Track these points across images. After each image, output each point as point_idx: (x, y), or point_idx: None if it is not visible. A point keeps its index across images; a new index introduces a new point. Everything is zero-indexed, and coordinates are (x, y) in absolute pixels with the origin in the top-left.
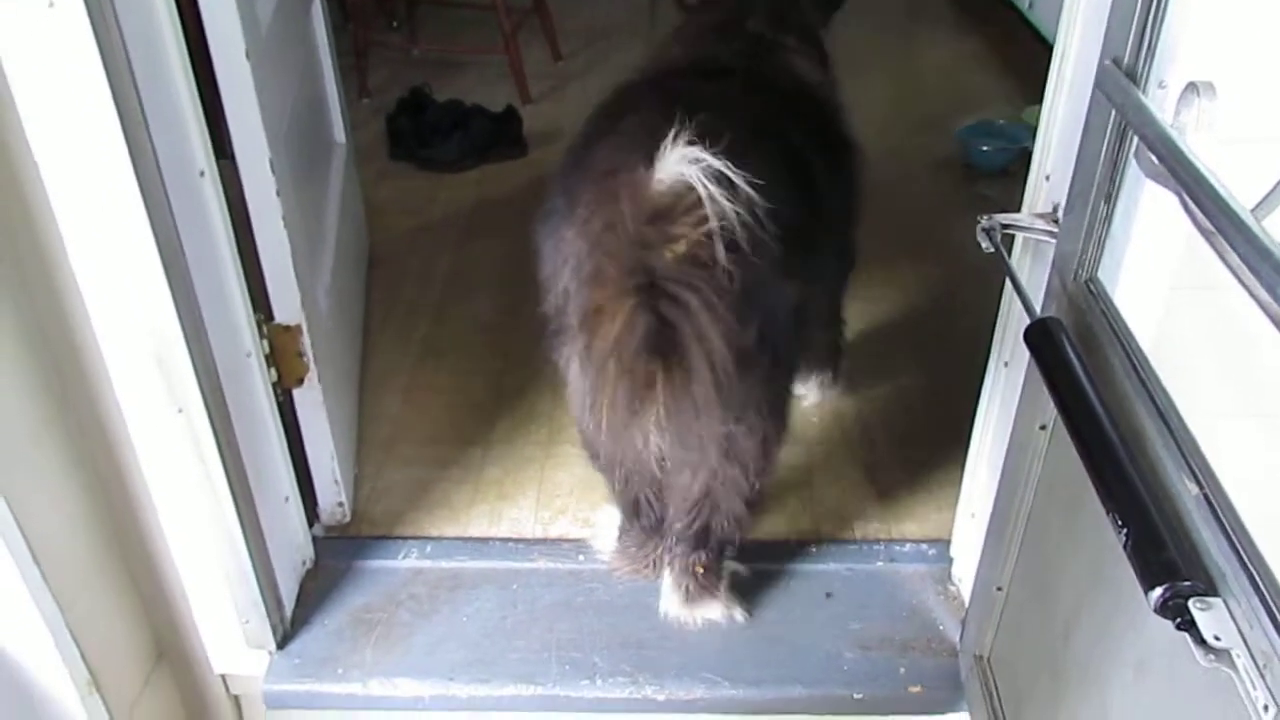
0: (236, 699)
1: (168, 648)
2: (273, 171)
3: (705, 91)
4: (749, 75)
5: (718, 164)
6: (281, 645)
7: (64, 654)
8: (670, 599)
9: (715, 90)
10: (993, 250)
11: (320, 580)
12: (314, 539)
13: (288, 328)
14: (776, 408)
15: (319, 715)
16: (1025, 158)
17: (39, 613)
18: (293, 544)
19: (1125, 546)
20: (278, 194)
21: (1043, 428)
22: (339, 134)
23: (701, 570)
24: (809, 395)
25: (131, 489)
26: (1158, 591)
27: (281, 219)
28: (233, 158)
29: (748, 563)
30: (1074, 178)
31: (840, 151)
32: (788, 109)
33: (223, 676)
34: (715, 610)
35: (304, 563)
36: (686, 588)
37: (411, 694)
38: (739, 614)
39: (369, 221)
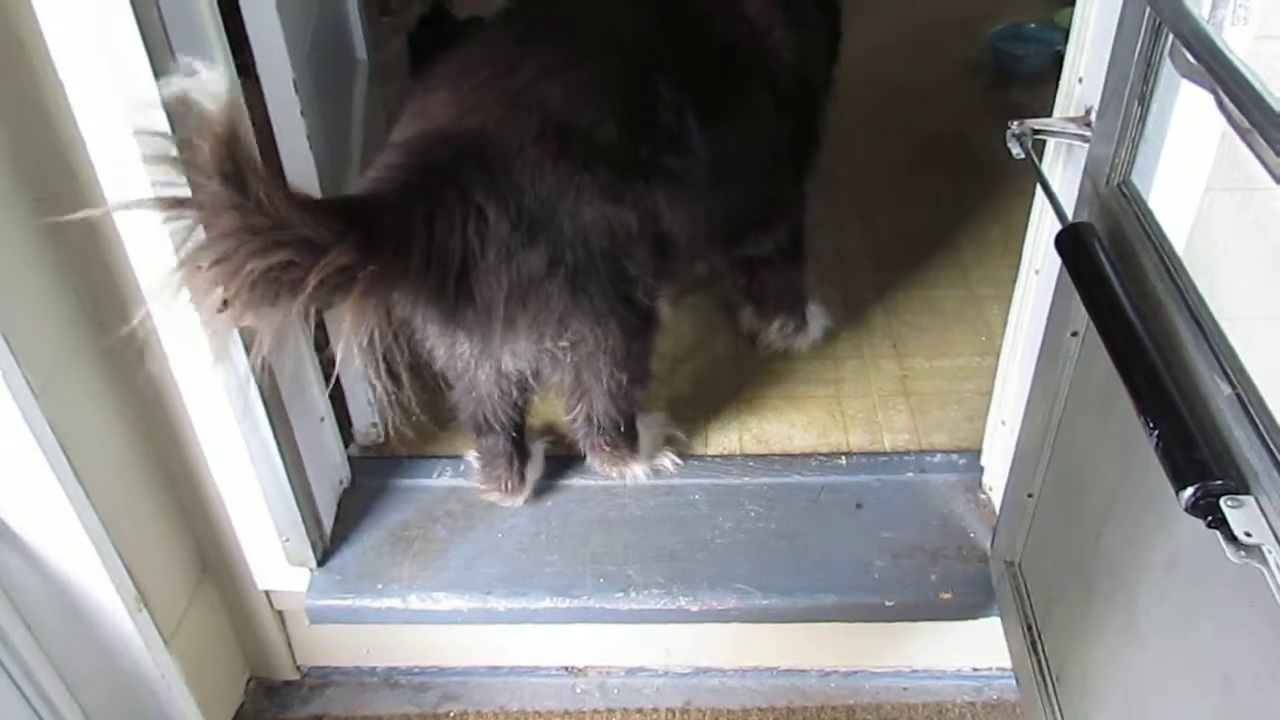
0: (280, 614)
1: (212, 566)
2: (296, 91)
3: (578, 6)
4: None
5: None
6: (322, 562)
7: (111, 573)
8: (593, 464)
9: (591, 4)
10: (1023, 157)
11: (357, 499)
12: (350, 459)
13: None
14: (602, 321)
15: (360, 629)
16: (1058, 62)
17: (85, 533)
18: (329, 464)
19: (1157, 448)
20: (302, 114)
21: (1074, 334)
22: (360, 52)
23: (609, 447)
24: (771, 341)
25: (171, 410)
26: (1189, 491)
27: (306, 139)
28: (256, 78)
29: (775, 477)
30: (1107, 79)
31: (746, 81)
32: (671, 27)
33: (266, 593)
34: (638, 469)
35: (341, 482)
36: (600, 460)
37: (450, 607)
38: (668, 462)
39: None
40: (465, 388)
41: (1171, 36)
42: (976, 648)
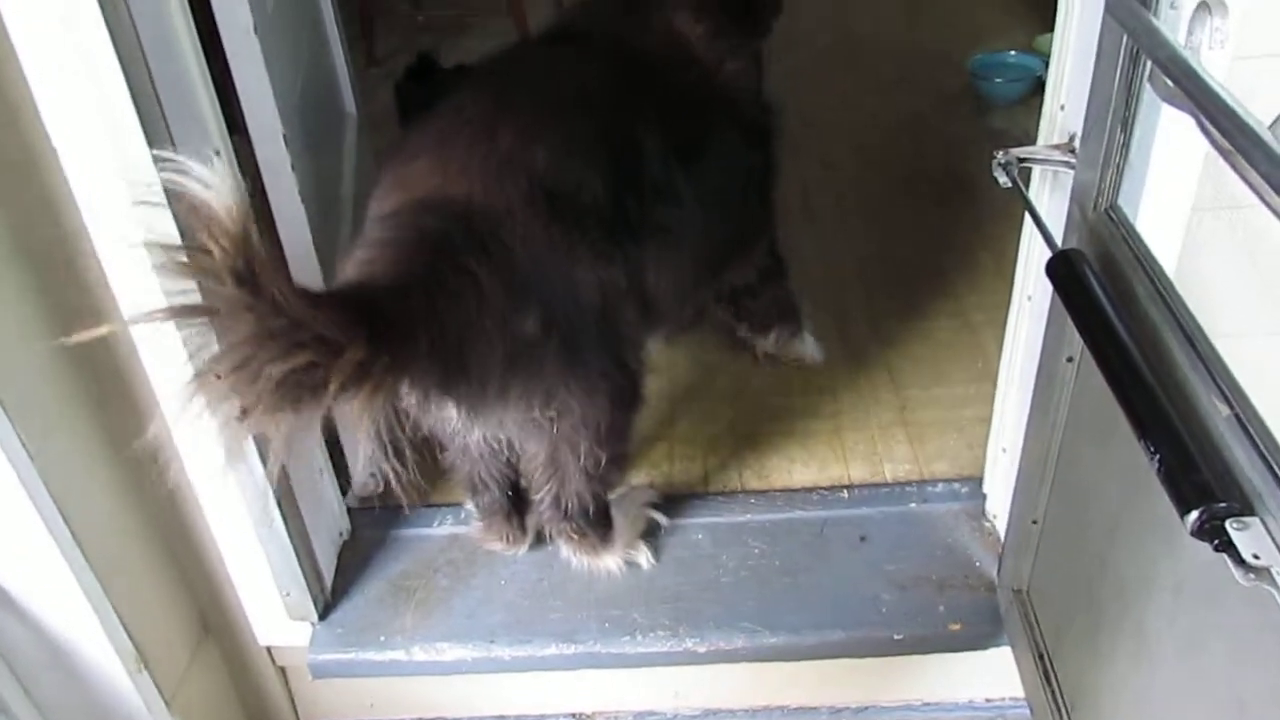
0: (282, 670)
1: (212, 623)
2: (286, 146)
3: (543, 63)
4: (602, 39)
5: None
6: (323, 616)
7: (110, 634)
8: (566, 552)
9: (555, 60)
10: (1010, 185)
11: (357, 550)
12: (349, 510)
13: None
14: (593, 389)
15: (364, 683)
16: (1039, 87)
17: (83, 594)
18: (329, 516)
19: (1159, 472)
20: (292, 168)
21: (1070, 360)
22: (349, 105)
23: (577, 535)
24: (768, 348)
25: (167, 466)
26: (1194, 514)
27: (298, 193)
28: (246, 134)
29: (777, 513)
30: (1089, 106)
31: (712, 119)
32: (634, 77)
33: (268, 649)
34: (610, 561)
35: (340, 534)
36: (569, 548)
37: (454, 658)
38: (643, 559)
39: None
40: (458, 449)
41: (1150, 62)
42: (988, 678)
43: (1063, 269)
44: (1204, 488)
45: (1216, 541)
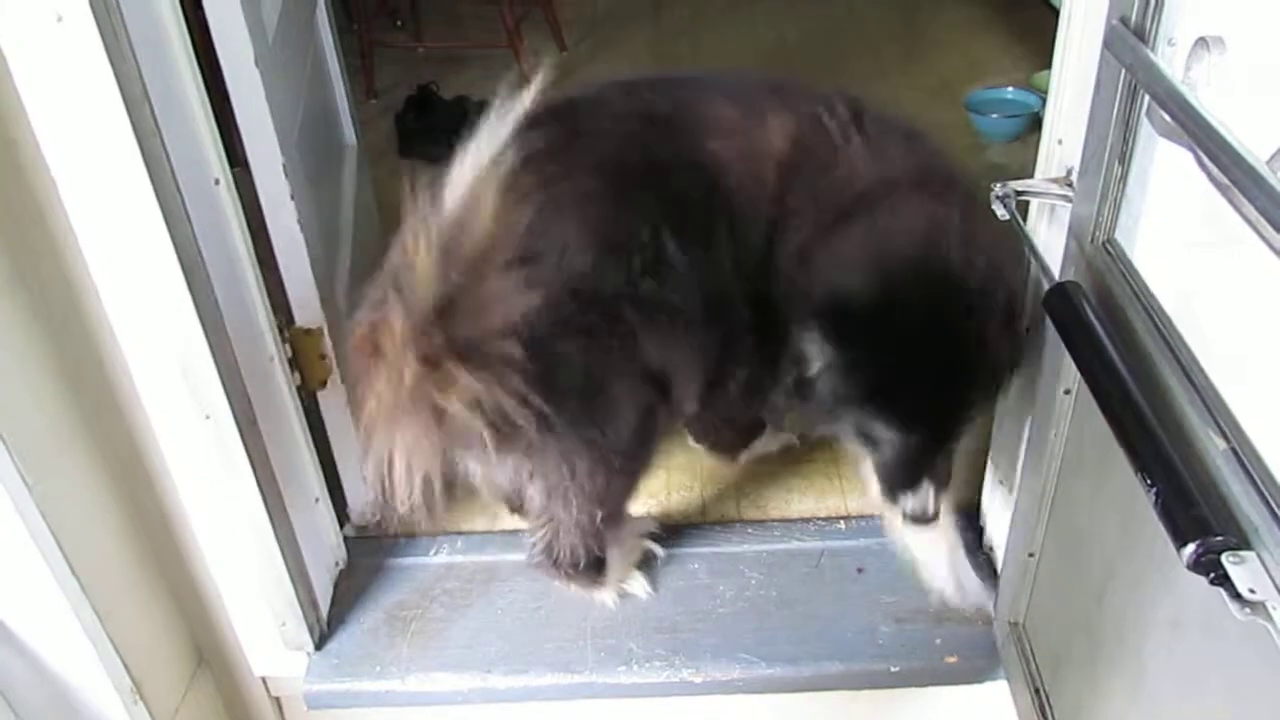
0: (278, 701)
1: (208, 653)
2: (286, 176)
3: (582, 123)
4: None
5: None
6: (319, 646)
7: (106, 664)
8: (554, 585)
9: (589, 124)
10: (1008, 218)
11: (354, 580)
12: (345, 539)
13: (309, 331)
14: (572, 454)
15: (360, 713)
16: (1036, 123)
17: (79, 625)
18: (325, 545)
19: (1155, 505)
20: (292, 198)
21: (1067, 392)
22: (349, 136)
23: (572, 572)
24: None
25: (163, 497)
26: (1190, 548)
27: (298, 223)
28: (246, 165)
29: (774, 543)
30: (1087, 140)
31: (722, 219)
32: (692, 168)
33: (263, 679)
34: (604, 595)
35: (337, 563)
36: (561, 584)
37: (450, 688)
38: (639, 589)
39: (383, 221)
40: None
41: (1148, 97)
42: (984, 712)
43: (1060, 301)
44: (1200, 521)
45: (1213, 575)
